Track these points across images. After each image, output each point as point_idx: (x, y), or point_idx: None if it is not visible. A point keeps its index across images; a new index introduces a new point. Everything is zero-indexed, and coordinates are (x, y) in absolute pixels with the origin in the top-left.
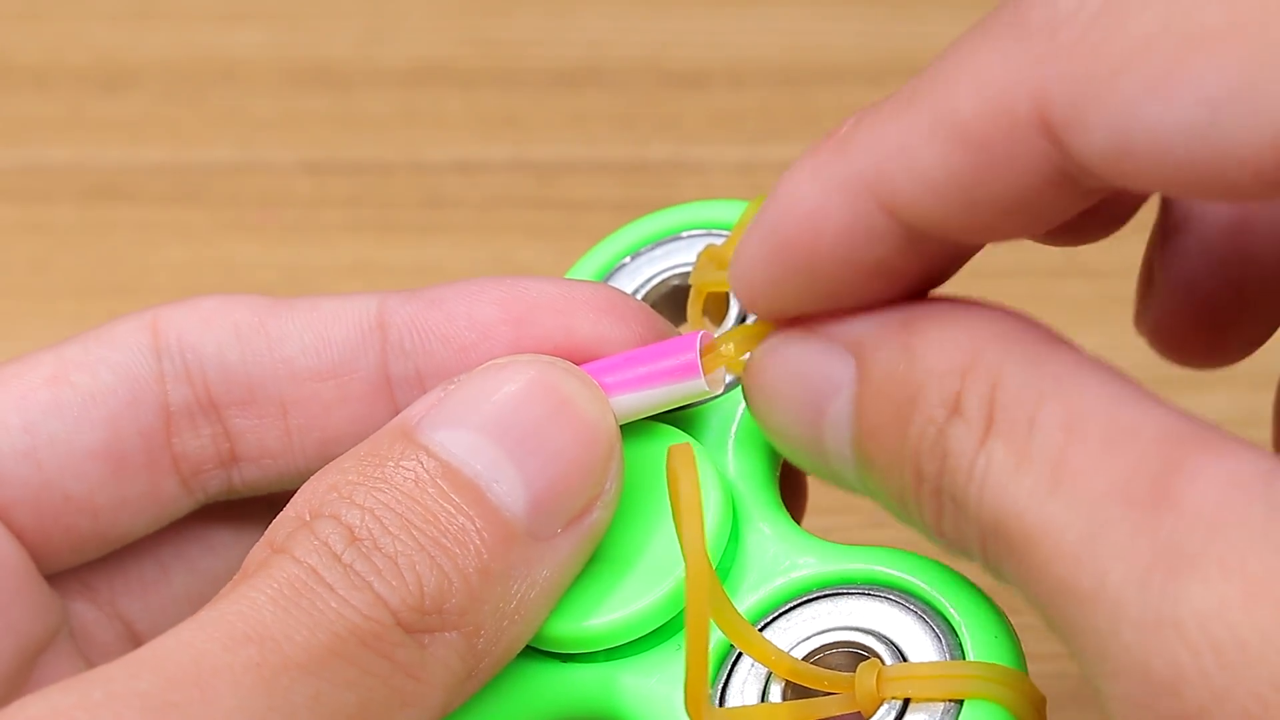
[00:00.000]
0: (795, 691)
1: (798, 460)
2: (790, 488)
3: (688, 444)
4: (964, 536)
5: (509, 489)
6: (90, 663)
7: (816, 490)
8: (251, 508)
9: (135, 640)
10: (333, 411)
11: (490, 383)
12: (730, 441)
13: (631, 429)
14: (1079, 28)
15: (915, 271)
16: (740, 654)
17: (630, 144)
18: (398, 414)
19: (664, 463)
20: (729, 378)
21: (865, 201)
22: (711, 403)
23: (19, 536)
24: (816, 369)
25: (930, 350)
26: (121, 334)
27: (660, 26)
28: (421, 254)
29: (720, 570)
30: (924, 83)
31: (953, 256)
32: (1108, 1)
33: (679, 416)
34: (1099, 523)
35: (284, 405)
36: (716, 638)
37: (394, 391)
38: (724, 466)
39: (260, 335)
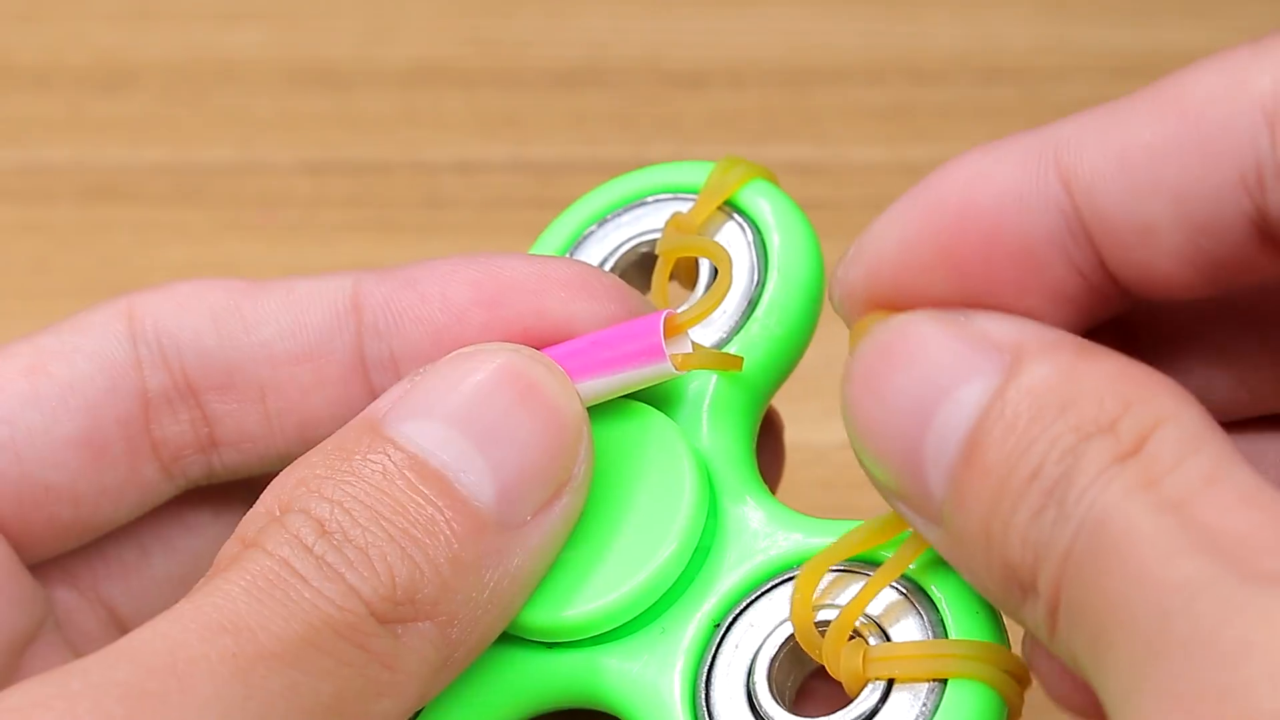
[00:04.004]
0: (781, 671)
1: (881, 463)
2: (765, 460)
3: None
4: (1052, 540)
5: (477, 478)
6: (77, 651)
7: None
8: (230, 488)
9: (119, 625)
10: (310, 394)
11: (456, 373)
12: (704, 416)
13: (602, 409)
14: None
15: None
16: (723, 639)
17: (630, 144)
18: (373, 396)
19: (635, 444)
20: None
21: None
22: (685, 377)
23: (1, 528)
24: (951, 354)
25: (1099, 378)
26: (97, 322)
27: (660, 26)
28: (421, 254)
29: (700, 547)
30: None
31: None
32: None
33: (652, 393)
34: (1199, 565)
35: (262, 389)
36: (699, 620)
37: (369, 373)
38: (699, 441)
39: (236, 319)
